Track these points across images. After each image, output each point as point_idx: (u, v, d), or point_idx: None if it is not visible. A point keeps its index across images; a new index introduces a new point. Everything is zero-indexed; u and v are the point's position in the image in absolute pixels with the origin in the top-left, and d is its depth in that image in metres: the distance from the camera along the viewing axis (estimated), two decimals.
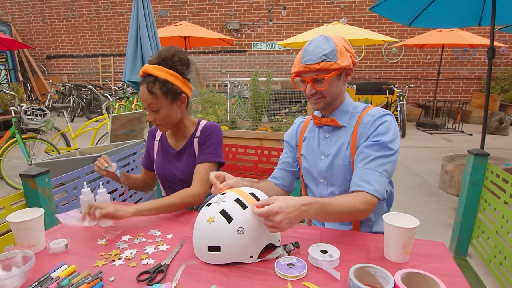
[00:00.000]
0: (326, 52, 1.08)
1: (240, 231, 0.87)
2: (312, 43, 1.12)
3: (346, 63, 1.10)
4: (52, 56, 10.67)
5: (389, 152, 1.09)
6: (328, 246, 0.92)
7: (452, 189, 3.57)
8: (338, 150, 1.18)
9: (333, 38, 1.12)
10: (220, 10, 9.41)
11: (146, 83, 1.24)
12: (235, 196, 0.92)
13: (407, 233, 0.85)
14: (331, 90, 1.14)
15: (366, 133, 1.13)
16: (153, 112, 1.28)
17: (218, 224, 0.87)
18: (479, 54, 8.55)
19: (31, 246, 0.93)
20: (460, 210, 2.12)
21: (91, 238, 1.03)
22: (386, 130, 1.10)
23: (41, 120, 3.80)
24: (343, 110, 1.20)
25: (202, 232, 0.90)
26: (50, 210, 1.70)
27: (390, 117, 1.13)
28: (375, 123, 1.12)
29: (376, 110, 1.16)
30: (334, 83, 1.13)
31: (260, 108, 2.90)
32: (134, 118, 3.62)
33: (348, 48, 1.12)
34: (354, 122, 1.18)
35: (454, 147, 5.62)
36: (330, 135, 1.22)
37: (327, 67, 1.08)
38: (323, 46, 1.09)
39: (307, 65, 1.10)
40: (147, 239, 1.01)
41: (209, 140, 1.37)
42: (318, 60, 1.08)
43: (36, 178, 1.60)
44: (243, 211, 0.89)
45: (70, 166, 2.52)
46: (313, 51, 1.09)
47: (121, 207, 1.08)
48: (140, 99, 1.28)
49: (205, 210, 0.93)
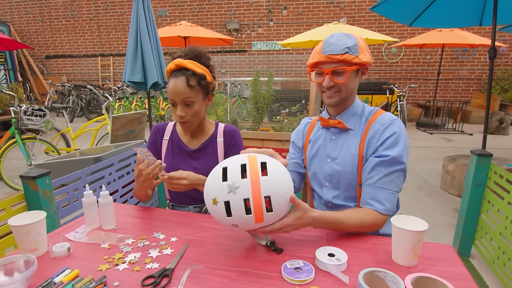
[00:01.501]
0: (349, 45, 1.07)
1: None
2: (334, 36, 1.11)
3: (366, 59, 1.10)
4: (51, 56, 10.64)
5: (399, 167, 1.08)
6: (335, 249, 0.91)
7: (453, 189, 3.56)
8: (344, 155, 1.17)
9: (355, 36, 1.12)
10: (219, 10, 9.40)
11: (185, 76, 1.22)
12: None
13: (416, 236, 0.83)
14: (349, 85, 1.13)
15: (375, 143, 1.11)
16: (186, 107, 1.25)
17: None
18: (479, 54, 8.55)
19: (33, 250, 0.91)
20: (463, 211, 2.11)
21: (93, 243, 1.02)
22: (395, 143, 1.08)
23: (40, 120, 3.78)
24: (352, 113, 1.18)
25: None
26: (51, 212, 1.69)
27: (399, 126, 1.11)
28: (384, 134, 1.10)
29: (385, 117, 1.14)
30: (352, 78, 1.12)
31: (261, 108, 2.89)
32: (135, 118, 3.60)
33: (366, 48, 1.12)
34: (362, 127, 1.16)
35: (455, 147, 5.62)
36: (337, 137, 1.20)
37: (349, 59, 1.07)
38: (345, 39, 1.08)
39: (329, 55, 1.08)
40: (151, 242, 1.00)
41: (239, 145, 1.41)
42: (342, 51, 1.07)
43: (37, 179, 1.58)
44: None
45: (71, 167, 2.50)
46: (336, 43, 1.08)
47: None
48: (170, 92, 1.23)
49: (218, 183, 0.87)
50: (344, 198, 1.19)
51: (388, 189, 1.08)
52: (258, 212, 0.83)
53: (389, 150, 1.08)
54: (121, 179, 2.37)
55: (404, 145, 1.09)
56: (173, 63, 1.25)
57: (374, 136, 1.12)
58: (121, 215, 1.21)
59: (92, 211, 1.09)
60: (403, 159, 1.08)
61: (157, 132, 1.46)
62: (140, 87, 3.66)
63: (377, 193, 1.08)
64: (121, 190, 2.38)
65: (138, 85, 3.61)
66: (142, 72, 3.51)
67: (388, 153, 1.07)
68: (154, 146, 1.45)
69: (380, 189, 1.08)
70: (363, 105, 1.21)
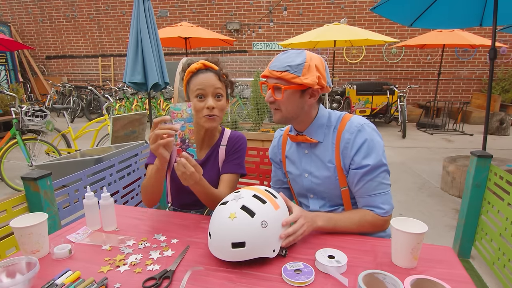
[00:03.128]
0: (292, 64, 1.05)
1: (264, 224, 0.87)
2: (287, 52, 1.10)
3: (309, 81, 1.05)
4: (52, 56, 10.66)
5: (382, 169, 1.09)
6: (335, 251, 0.91)
7: (454, 190, 3.56)
8: (320, 168, 1.16)
9: (309, 54, 1.09)
10: (220, 11, 9.41)
11: (216, 72, 1.25)
12: (251, 192, 0.93)
13: (415, 238, 0.84)
14: (287, 105, 1.10)
15: (349, 153, 1.10)
16: (217, 99, 1.24)
17: (241, 219, 0.87)
18: (480, 55, 8.56)
19: (35, 251, 0.92)
20: (463, 211, 2.11)
21: (94, 244, 1.02)
22: (370, 151, 1.08)
23: (41, 121, 3.79)
24: (316, 126, 1.16)
25: (224, 229, 0.87)
26: (52, 213, 1.69)
27: (368, 131, 1.09)
28: (355, 143, 1.09)
29: (352, 124, 1.11)
30: (292, 98, 1.09)
31: (261, 109, 2.89)
32: (135, 119, 3.61)
33: (320, 69, 1.08)
34: (332, 137, 1.14)
35: (455, 147, 5.62)
36: (309, 151, 1.20)
37: (287, 78, 1.05)
38: (293, 57, 1.07)
39: (271, 71, 1.09)
40: (152, 244, 1.00)
41: (239, 151, 1.36)
42: (282, 68, 1.06)
43: (38, 180, 1.59)
44: (264, 206, 0.90)
45: (72, 168, 2.51)
46: (282, 60, 1.08)
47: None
48: (201, 83, 1.21)
49: (222, 208, 0.92)
50: (330, 206, 1.21)
51: (379, 192, 1.09)
52: (269, 197, 0.93)
53: (366, 159, 1.07)
54: (121, 180, 2.38)
55: (379, 148, 1.09)
56: (200, 62, 1.25)
57: (346, 147, 1.10)
58: (122, 217, 1.21)
59: (93, 213, 1.10)
60: (383, 161, 1.09)
61: None
62: (140, 88, 3.66)
63: (371, 201, 1.10)
64: (122, 191, 2.39)
65: (139, 85, 3.61)
66: (143, 72, 3.52)
67: (367, 163, 1.07)
68: None
69: (372, 196, 1.09)
70: (328, 113, 1.18)
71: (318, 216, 1.05)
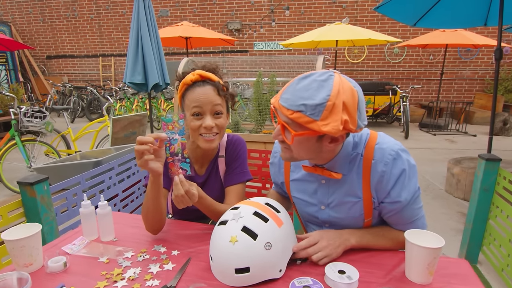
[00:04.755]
0: (309, 103, 0.79)
1: (268, 246, 0.81)
2: (306, 79, 0.82)
3: (329, 129, 0.79)
4: (53, 56, 10.62)
5: (416, 194, 0.96)
6: (346, 265, 0.86)
7: (459, 192, 3.51)
8: (341, 201, 0.99)
9: (336, 85, 0.80)
10: (221, 10, 9.36)
11: (214, 85, 1.10)
12: (251, 209, 0.86)
13: (432, 253, 0.79)
14: (300, 150, 0.88)
15: (384, 187, 0.93)
16: (216, 116, 1.10)
17: (243, 242, 0.80)
18: (482, 54, 8.49)
19: (28, 265, 0.87)
20: (470, 216, 2.06)
21: (91, 256, 0.97)
22: (408, 182, 0.92)
23: (40, 122, 3.74)
24: (341, 159, 0.94)
25: (226, 255, 0.81)
26: (49, 219, 1.65)
27: (404, 158, 0.92)
28: (392, 175, 0.91)
29: (385, 151, 0.91)
30: (306, 144, 0.87)
31: (263, 110, 2.84)
32: (135, 120, 3.56)
33: (349, 109, 0.80)
34: (359, 167, 0.95)
35: (458, 148, 5.56)
36: (327, 182, 1.00)
37: (300, 121, 0.80)
38: (312, 91, 0.80)
39: (280, 106, 0.83)
40: (151, 256, 0.95)
41: (240, 157, 1.25)
42: (295, 108, 0.80)
43: (34, 185, 1.54)
44: (266, 224, 0.83)
45: (70, 170, 2.47)
46: (297, 93, 0.81)
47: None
48: (197, 100, 1.07)
49: (222, 229, 0.85)
50: None
51: (414, 219, 0.99)
52: (271, 212, 0.86)
53: (404, 192, 0.92)
54: (121, 183, 2.33)
55: (415, 175, 0.94)
56: (196, 73, 1.11)
57: (380, 180, 0.92)
58: (120, 225, 1.16)
59: (90, 222, 1.05)
60: (417, 185, 0.96)
61: None
62: (141, 88, 3.62)
63: (406, 228, 0.97)
64: (121, 194, 2.34)
65: (139, 86, 3.57)
66: (143, 73, 3.47)
67: (406, 197, 0.93)
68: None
69: (408, 224, 0.99)
70: (352, 137, 0.95)
71: (351, 234, 0.95)
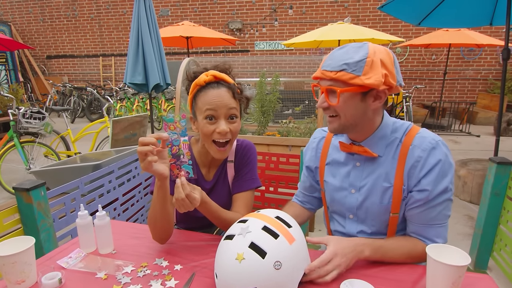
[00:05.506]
0: (350, 61, 0.87)
1: (277, 266, 0.73)
2: (344, 47, 0.92)
3: (372, 81, 0.86)
4: (53, 56, 10.58)
5: (447, 196, 0.93)
6: (363, 283, 0.80)
7: (465, 195, 3.44)
8: (373, 185, 0.99)
9: (372, 47, 0.89)
10: (222, 10, 9.30)
11: (229, 87, 1.05)
12: (260, 223, 0.78)
13: (458, 271, 0.73)
14: (346, 111, 0.92)
15: (417, 174, 0.93)
16: (231, 121, 1.04)
17: (251, 261, 0.73)
18: (485, 54, 8.42)
19: (20, 282, 0.81)
20: (480, 221, 2.00)
21: (88, 271, 0.91)
22: (442, 174, 0.91)
23: (39, 123, 3.69)
24: (379, 137, 0.98)
25: (232, 273, 0.74)
26: (47, 225, 1.59)
27: (443, 150, 0.92)
28: (428, 163, 0.91)
29: (426, 139, 0.93)
30: (351, 102, 0.91)
31: (267, 112, 2.78)
32: (136, 121, 3.50)
33: (387, 65, 0.88)
34: (395, 152, 0.96)
35: (462, 149, 5.49)
36: (362, 164, 1.01)
37: (344, 79, 0.88)
38: (351, 53, 0.88)
39: (323, 71, 0.92)
40: (152, 271, 0.89)
41: (249, 163, 1.20)
42: (337, 68, 0.88)
43: (30, 191, 1.49)
44: (276, 241, 0.75)
45: (69, 174, 2.40)
46: (337, 57, 0.90)
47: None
48: (212, 103, 1.01)
49: (228, 245, 0.78)
50: (371, 233, 1.04)
51: (436, 224, 0.94)
52: (281, 227, 0.79)
53: (435, 183, 0.91)
54: (121, 187, 2.27)
55: (451, 172, 0.92)
56: (209, 74, 1.05)
57: (415, 165, 0.92)
58: (120, 235, 1.10)
59: (87, 234, 0.98)
60: (451, 187, 0.92)
61: None
62: (141, 88, 3.56)
63: (425, 231, 0.96)
64: (121, 198, 2.28)
65: (140, 86, 3.51)
66: (144, 73, 3.41)
67: (435, 187, 0.91)
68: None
69: (428, 226, 0.95)
70: (393, 122, 1.00)
71: (366, 246, 0.90)
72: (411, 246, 0.95)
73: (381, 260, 0.93)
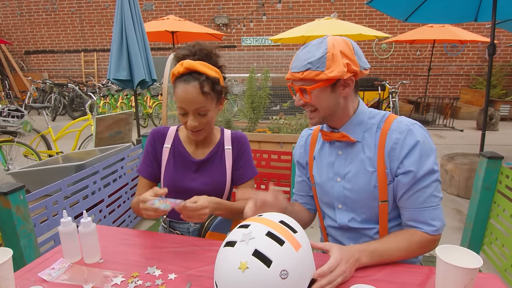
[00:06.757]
0: (313, 60, 0.93)
1: (284, 275, 0.68)
2: (306, 47, 0.97)
3: (336, 73, 0.92)
4: (32, 51, 10.19)
5: (434, 177, 0.94)
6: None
7: (452, 189, 3.49)
8: (357, 171, 1.01)
9: (330, 41, 0.94)
10: (208, 4, 9.14)
11: (198, 82, 1.06)
12: (264, 228, 0.73)
13: (470, 274, 0.70)
14: (321, 104, 0.98)
15: (398, 155, 0.95)
16: (200, 116, 1.10)
17: (255, 270, 0.67)
18: (468, 50, 8.59)
19: None
20: (471, 215, 2.02)
21: (72, 284, 0.84)
22: (423, 155, 0.93)
23: (18, 121, 3.52)
24: (355, 122, 1.02)
25: (235, 285, 0.69)
26: (27, 231, 1.49)
27: (421, 132, 0.95)
28: (406, 144, 0.94)
29: (402, 123, 0.98)
30: (323, 96, 0.97)
31: (257, 108, 2.73)
32: (121, 119, 3.38)
33: (347, 54, 0.94)
34: (375, 138, 1.00)
35: (447, 143, 5.59)
36: (344, 152, 1.05)
37: (311, 77, 0.94)
38: (313, 51, 0.94)
39: (292, 73, 0.98)
40: (144, 282, 0.83)
41: (246, 152, 1.28)
42: (303, 68, 0.95)
43: (8, 195, 1.39)
44: (281, 248, 0.70)
45: (51, 174, 2.29)
46: (301, 57, 0.96)
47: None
48: (181, 100, 1.07)
49: (230, 252, 0.72)
50: (362, 221, 1.04)
51: (429, 206, 0.94)
52: (286, 233, 0.74)
53: (418, 164, 0.93)
54: (107, 188, 2.17)
55: (432, 153, 0.95)
56: (182, 65, 1.06)
57: (394, 147, 0.95)
58: (107, 242, 1.02)
59: (71, 242, 0.91)
60: (435, 167, 0.94)
61: (156, 137, 1.26)
62: (126, 85, 3.44)
63: (419, 215, 0.95)
64: (107, 199, 2.19)
65: (124, 83, 3.39)
66: (128, 69, 3.30)
67: (419, 168, 0.93)
68: (152, 155, 1.25)
69: (421, 210, 0.95)
70: (369, 111, 1.05)
71: (361, 252, 0.90)
72: (408, 238, 0.95)
73: (381, 262, 0.91)
